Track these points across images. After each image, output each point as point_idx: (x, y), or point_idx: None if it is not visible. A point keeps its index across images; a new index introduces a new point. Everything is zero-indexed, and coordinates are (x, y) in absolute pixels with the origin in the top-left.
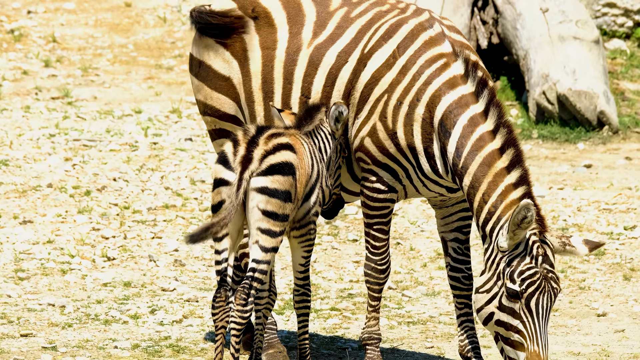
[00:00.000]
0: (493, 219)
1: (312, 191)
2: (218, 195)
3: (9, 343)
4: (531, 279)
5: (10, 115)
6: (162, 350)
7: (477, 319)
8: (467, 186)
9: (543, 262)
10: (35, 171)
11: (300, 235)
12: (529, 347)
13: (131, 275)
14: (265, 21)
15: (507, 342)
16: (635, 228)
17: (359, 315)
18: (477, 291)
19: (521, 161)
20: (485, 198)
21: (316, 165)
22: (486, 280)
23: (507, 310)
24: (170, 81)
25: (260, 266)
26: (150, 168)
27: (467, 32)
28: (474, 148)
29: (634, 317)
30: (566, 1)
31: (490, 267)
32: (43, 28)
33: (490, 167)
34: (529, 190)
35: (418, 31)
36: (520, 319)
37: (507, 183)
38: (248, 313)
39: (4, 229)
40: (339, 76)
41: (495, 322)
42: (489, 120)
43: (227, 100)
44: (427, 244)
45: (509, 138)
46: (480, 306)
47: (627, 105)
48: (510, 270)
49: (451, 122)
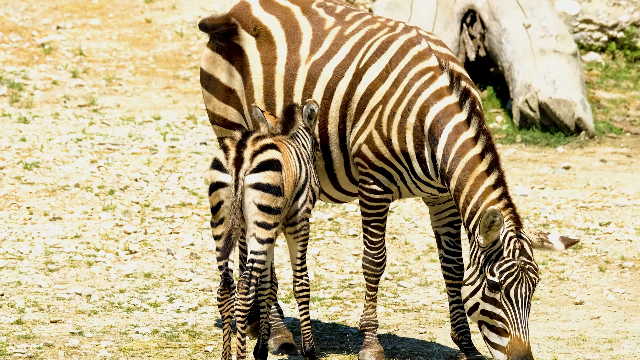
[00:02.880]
0: (475, 218)
1: (302, 190)
2: (216, 197)
3: (40, 329)
4: (509, 271)
5: (41, 121)
6: (179, 335)
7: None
8: (453, 189)
9: (520, 255)
10: (63, 172)
11: (294, 232)
12: (511, 333)
13: (151, 267)
14: (266, 39)
15: (492, 329)
16: (610, 224)
17: (358, 303)
18: (463, 284)
19: (498, 165)
20: (467, 199)
21: (304, 165)
22: (470, 273)
23: (489, 301)
24: (187, 90)
25: (258, 257)
26: (169, 169)
27: (456, 46)
28: (458, 154)
29: (609, 305)
30: (547, 17)
31: (474, 262)
32: (71, 42)
33: (472, 171)
34: (505, 191)
35: (408, 47)
36: (501, 308)
37: (487, 185)
38: (250, 300)
39: (35, 224)
40: (336, 89)
41: (480, 312)
42: (471, 127)
43: (233, 110)
44: (421, 238)
45: (488, 144)
46: (465, 297)
47: (602, 112)
48: (490, 264)
49: (438, 130)
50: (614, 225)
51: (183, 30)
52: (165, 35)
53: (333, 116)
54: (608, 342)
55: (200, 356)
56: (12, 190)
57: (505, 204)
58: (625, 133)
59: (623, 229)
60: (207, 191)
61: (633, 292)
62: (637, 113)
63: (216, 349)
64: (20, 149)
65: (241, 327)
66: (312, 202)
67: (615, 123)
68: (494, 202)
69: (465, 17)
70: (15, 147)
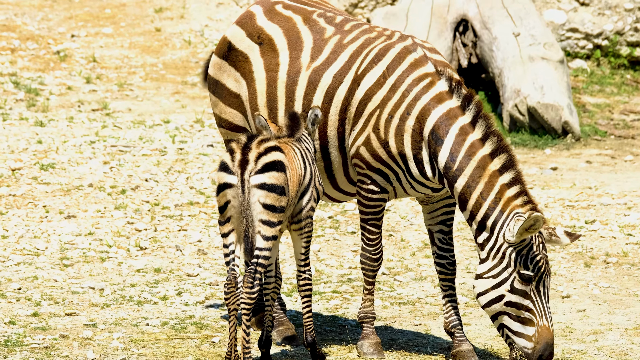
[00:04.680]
0: (494, 214)
1: (307, 190)
2: (224, 197)
3: (55, 321)
4: (539, 264)
5: (57, 125)
6: (187, 327)
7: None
8: (462, 186)
9: (543, 249)
10: (78, 173)
11: (299, 229)
12: (538, 322)
13: (160, 262)
14: (269, 47)
15: (517, 319)
16: (595, 222)
17: (357, 297)
18: (479, 277)
19: (513, 164)
20: (483, 196)
21: (309, 167)
22: (491, 266)
23: (519, 292)
24: (195, 95)
25: (263, 253)
26: (177, 170)
27: (449, 53)
28: (467, 153)
29: (594, 299)
30: (535, 27)
31: (495, 256)
32: (85, 50)
33: (485, 170)
34: (524, 189)
35: (404, 54)
36: (530, 299)
37: (502, 183)
38: (255, 294)
39: (51, 222)
40: (335, 94)
41: (505, 304)
42: (477, 130)
43: (238, 114)
44: (416, 235)
45: (500, 145)
46: (484, 290)
47: (587, 116)
48: (522, 258)
49: (443, 131)
50: (598, 223)
51: (191, 38)
52: (174, 43)
53: (332, 120)
54: (593, 334)
55: (207, 347)
56: (29, 190)
57: (524, 200)
58: (610, 136)
59: (607, 226)
60: (214, 191)
61: (617, 286)
62: (620, 117)
63: (222, 340)
64: (36, 150)
65: (246, 319)
66: (316, 201)
67: (600, 126)
68: (511, 199)
69: (458, 26)
70: (32, 149)
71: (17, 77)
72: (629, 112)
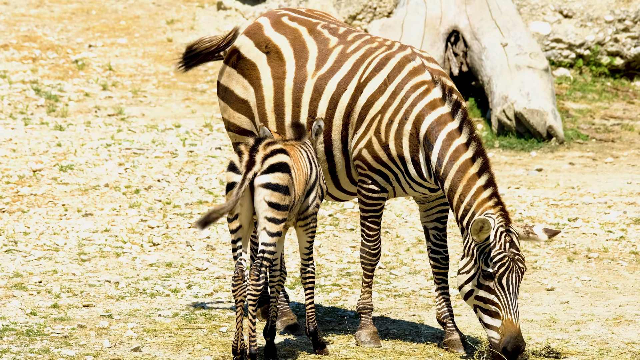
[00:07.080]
0: (468, 215)
1: (312, 188)
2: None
3: (73, 312)
4: (501, 262)
5: (75, 129)
6: (197, 318)
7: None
8: (447, 189)
9: (510, 247)
10: (94, 174)
11: (304, 225)
12: (503, 316)
13: (172, 257)
14: (276, 56)
15: (486, 312)
16: (577, 220)
17: (355, 289)
18: (458, 272)
19: (488, 167)
20: (461, 198)
21: (314, 168)
22: (465, 263)
23: (484, 288)
24: (204, 101)
25: (268, 248)
26: (188, 171)
27: (442, 62)
28: (451, 158)
29: (576, 291)
30: (522, 37)
31: (468, 253)
32: (101, 59)
33: (465, 173)
34: (495, 191)
35: (404, 63)
36: (495, 294)
37: (478, 185)
38: (261, 286)
39: (69, 220)
40: (339, 101)
41: (475, 297)
42: (462, 134)
43: (246, 119)
44: (410, 232)
45: (479, 149)
46: (461, 284)
47: (570, 121)
48: (484, 256)
49: (433, 136)
50: (581, 221)
51: None
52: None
53: (336, 124)
54: (576, 324)
55: (216, 336)
56: (49, 189)
57: (495, 202)
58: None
59: (589, 224)
60: (222, 190)
61: (598, 279)
62: (601, 122)
63: (229, 330)
64: (56, 153)
65: (252, 310)
66: (320, 199)
67: (582, 130)
68: (485, 201)
69: (449, 37)
70: (52, 151)
71: (38, 84)
72: (609, 117)
